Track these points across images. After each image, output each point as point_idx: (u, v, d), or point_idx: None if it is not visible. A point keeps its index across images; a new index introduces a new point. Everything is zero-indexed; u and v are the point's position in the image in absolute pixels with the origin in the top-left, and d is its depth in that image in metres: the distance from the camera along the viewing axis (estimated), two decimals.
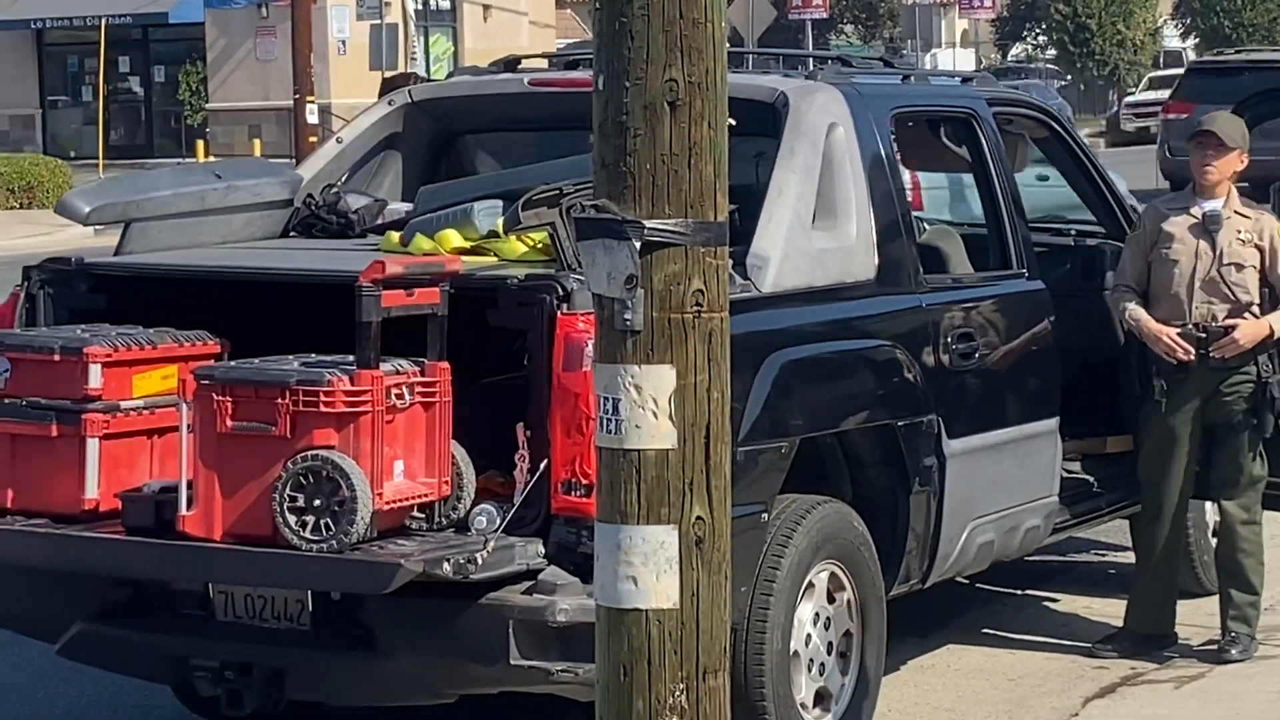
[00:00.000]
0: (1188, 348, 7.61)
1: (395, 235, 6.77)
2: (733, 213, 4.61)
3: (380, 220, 7.16)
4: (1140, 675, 7.63)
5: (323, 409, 5.60)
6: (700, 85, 4.31)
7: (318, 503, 5.58)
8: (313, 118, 31.25)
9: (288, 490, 5.59)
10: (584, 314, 5.69)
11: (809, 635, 6.47)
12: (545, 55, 8.49)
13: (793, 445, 6.34)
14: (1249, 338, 7.59)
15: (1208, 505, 8.32)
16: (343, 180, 7.50)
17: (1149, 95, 52.08)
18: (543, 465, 5.77)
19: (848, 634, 6.64)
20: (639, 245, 4.29)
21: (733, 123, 4.44)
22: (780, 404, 6.30)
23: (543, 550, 5.77)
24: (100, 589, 6.16)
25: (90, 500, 5.99)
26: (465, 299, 5.93)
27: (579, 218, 4.39)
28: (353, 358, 5.67)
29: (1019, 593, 8.81)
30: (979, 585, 8.66)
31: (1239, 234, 7.67)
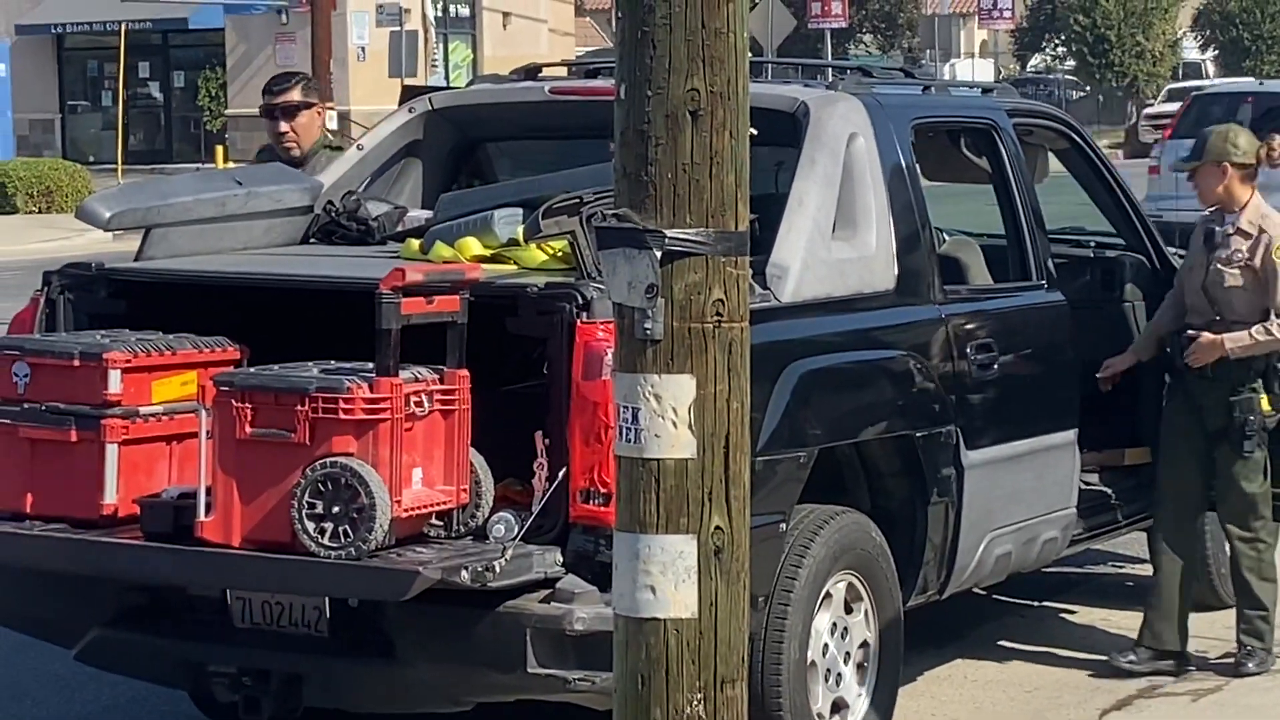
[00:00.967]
0: (1114, 378, 7.90)
1: (415, 242, 6.77)
2: (753, 222, 4.61)
3: (400, 227, 7.17)
4: (1157, 688, 7.61)
5: (342, 416, 5.60)
6: (722, 95, 4.31)
7: (336, 509, 5.58)
8: (332, 124, 31.27)
9: (306, 497, 5.60)
10: (604, 322, 5.69)
11: (826, 645, 6.46)
12: (565, 63, 8.50)
13: (811, 455, 6.33)
14: (1204, 350, 7.62)
15: None
16: (363, 187, 7.51)
17: (1168, 107, 52.06)
18: (561, 474, 5.77)
19: (865, 644, 6.63)
20: (659, 254, 4.28)
21: (754, 132, 4.44)
22: (799, 414, 6.30)
23: (560, 559, 5.76)
24: (118, 594, 6.17)
25: (109, 506, 6.00)
26: (485, 307, 5.93)
27: (600, 226, 4.39)
28: (372, 365, 5.68)
29: (1036, 604, 8.80)
30: (996, 597, 8.65)
31: (1232, 254, 7.68)
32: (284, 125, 8.18)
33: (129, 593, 6.16)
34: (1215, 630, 8.11)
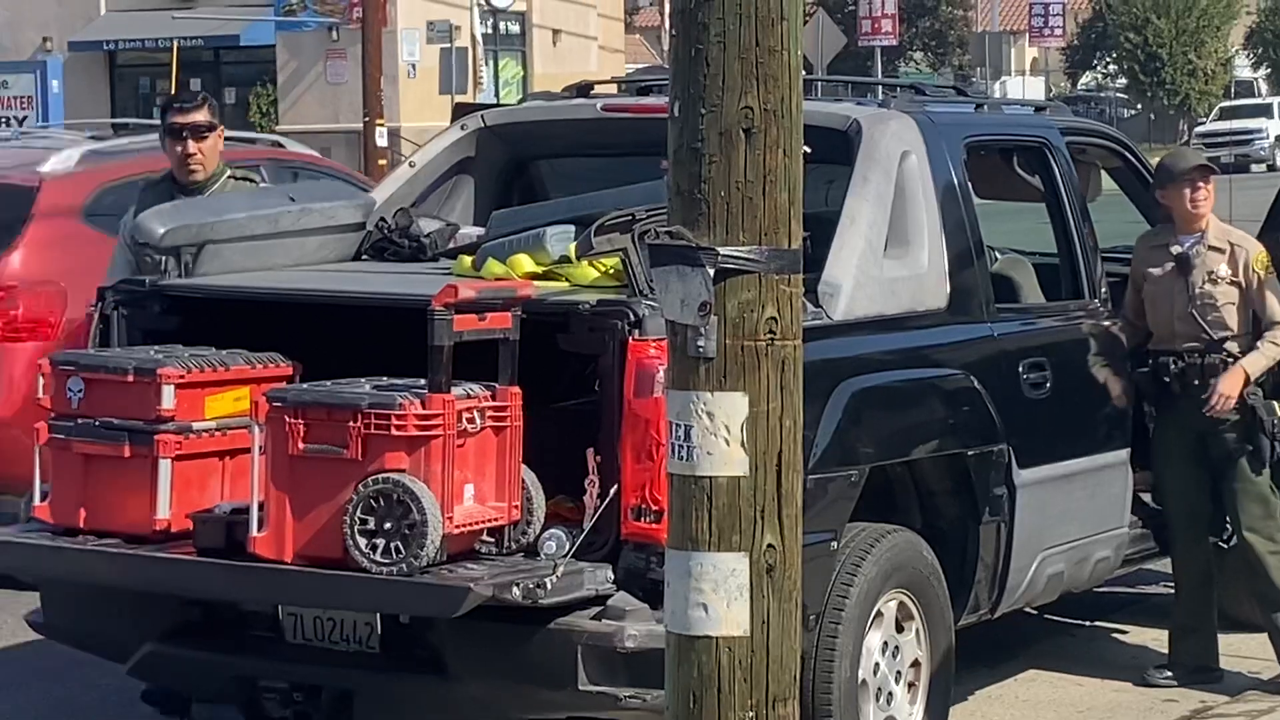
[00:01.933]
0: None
1: (467, 259, 6.79)
2: (805, 240, 4.61)
3: (452, 244, 7.18)
4: (1210, 709, 7.57)
5: (394, 432, 5.62)
6: (776, 113, 4.31)
7: (388, 526, 5.59)
8: (382, 140, 31.37)
9: (358, 513, 5.61)
10: (655, 340, 5.69)
11: (877, 664, 6.45)
12: (615, 80, 8.51)
13: (863, 473, 6.33)
14: (1230, 389, 7.61)
15: None
16: (415, 204, 7.53)
17: (1220, 125, 51.91)
18: (612, 491, 5.77)
19: (916, 663, 6.61)
20: (712, 272, 4.29)
21: (808, 150, 4.44)
22: (851, 432, 6.29)
23: (612, 576, 5.77)
24: (171, 609, 6.19)
25: (162, 521, 6.02)
26: (537, 323, 5.93)
27: (653, 244, 4.39)
28: (424, 381, 5.69)
29: (1088, 624, 8.77)
30: (1048, 616, 8.62)
31: (1211, 273, 7.69)
32: (193, 146, 7.54)
33: (182, 607, 6.18)
34: (1267, 651, 8.06)
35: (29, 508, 6.28)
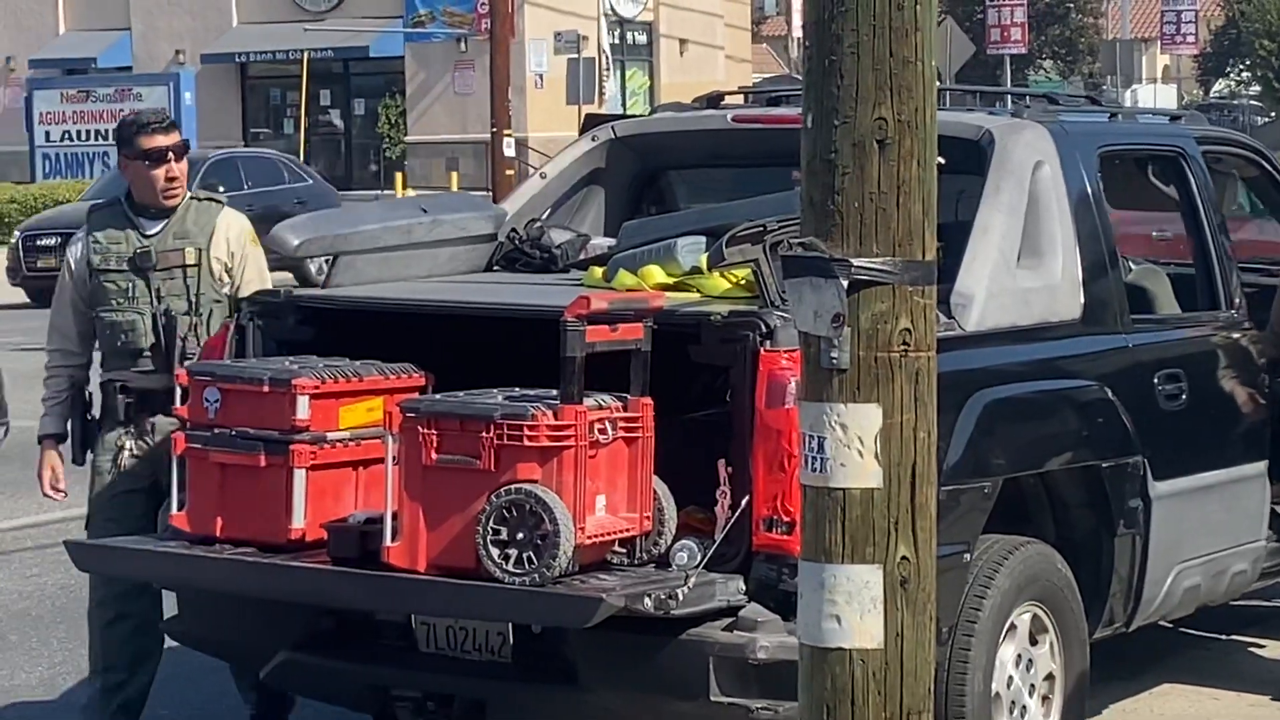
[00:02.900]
0: None
1: (599, 270, 6.80)
2: (939, 251, 4.58)
3: (583, 255, 7.20)
4: None
5: (526, 443, 5.63)
6: (909, 124, 4.29)
7: (521, 536, 5.61)
8: (509, 151, 31.52)
9: (491, 523, 5.63)
10: (787, 351, 5.68)
11: (1010, 677, 6.40)
12: (744, 91, 8.50)
13: (996, 485, 6.29)
14: None
15: None
16: (546, 215, 7.56)
17: None
18: (744, 502, 5.77)
19: (1050, 676, 6.56)
20: (846, 284, 4.28)
21: (942, 161, 4.42)
22: (984, 443, 6.26)
23: (743, 587, 5.76)
24: (305, 618, 6.24)
25: (297, 530, 6.07)
26: (668, 334, 5.94)
27: (786, 255, 4.38)
28: (556, 392, 5.71)
29: (1224, 638, 8.67)
30: (1184, 629, 8.53)
31: None
32: (176, 169, 7.02)
33: (316, 616, 6.23)
34: None
35: (166, 516, 6.35)
